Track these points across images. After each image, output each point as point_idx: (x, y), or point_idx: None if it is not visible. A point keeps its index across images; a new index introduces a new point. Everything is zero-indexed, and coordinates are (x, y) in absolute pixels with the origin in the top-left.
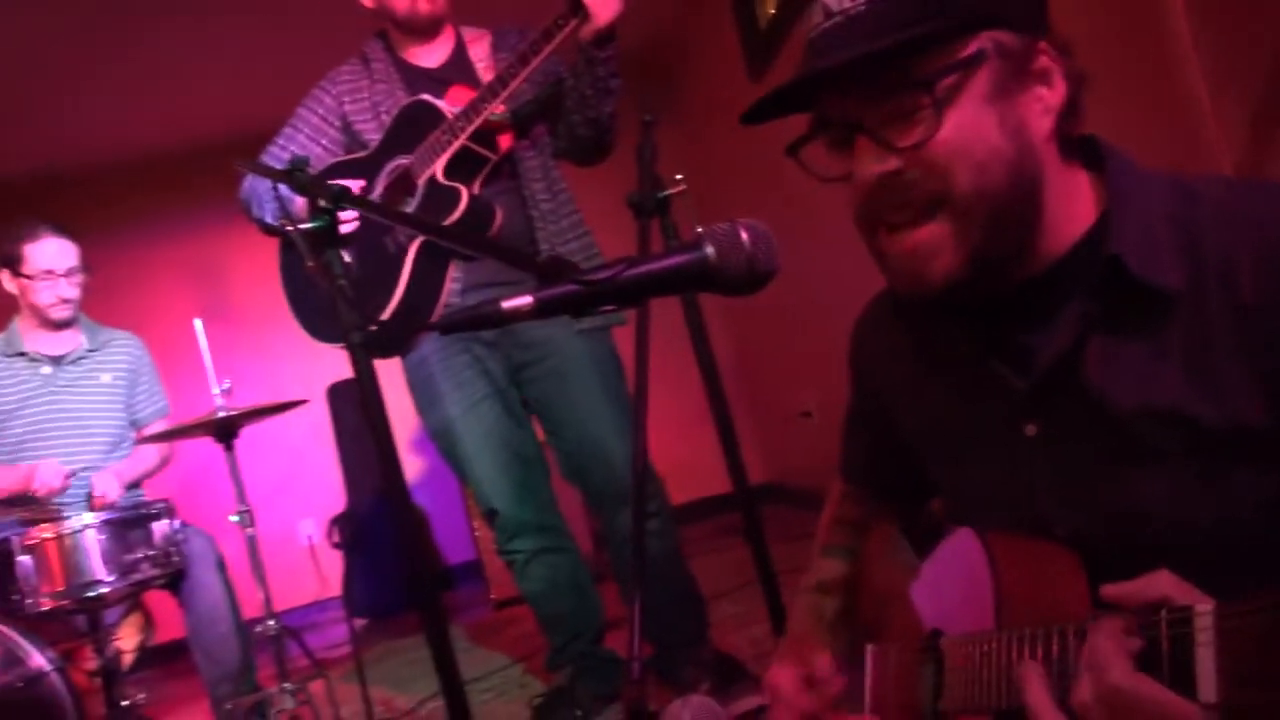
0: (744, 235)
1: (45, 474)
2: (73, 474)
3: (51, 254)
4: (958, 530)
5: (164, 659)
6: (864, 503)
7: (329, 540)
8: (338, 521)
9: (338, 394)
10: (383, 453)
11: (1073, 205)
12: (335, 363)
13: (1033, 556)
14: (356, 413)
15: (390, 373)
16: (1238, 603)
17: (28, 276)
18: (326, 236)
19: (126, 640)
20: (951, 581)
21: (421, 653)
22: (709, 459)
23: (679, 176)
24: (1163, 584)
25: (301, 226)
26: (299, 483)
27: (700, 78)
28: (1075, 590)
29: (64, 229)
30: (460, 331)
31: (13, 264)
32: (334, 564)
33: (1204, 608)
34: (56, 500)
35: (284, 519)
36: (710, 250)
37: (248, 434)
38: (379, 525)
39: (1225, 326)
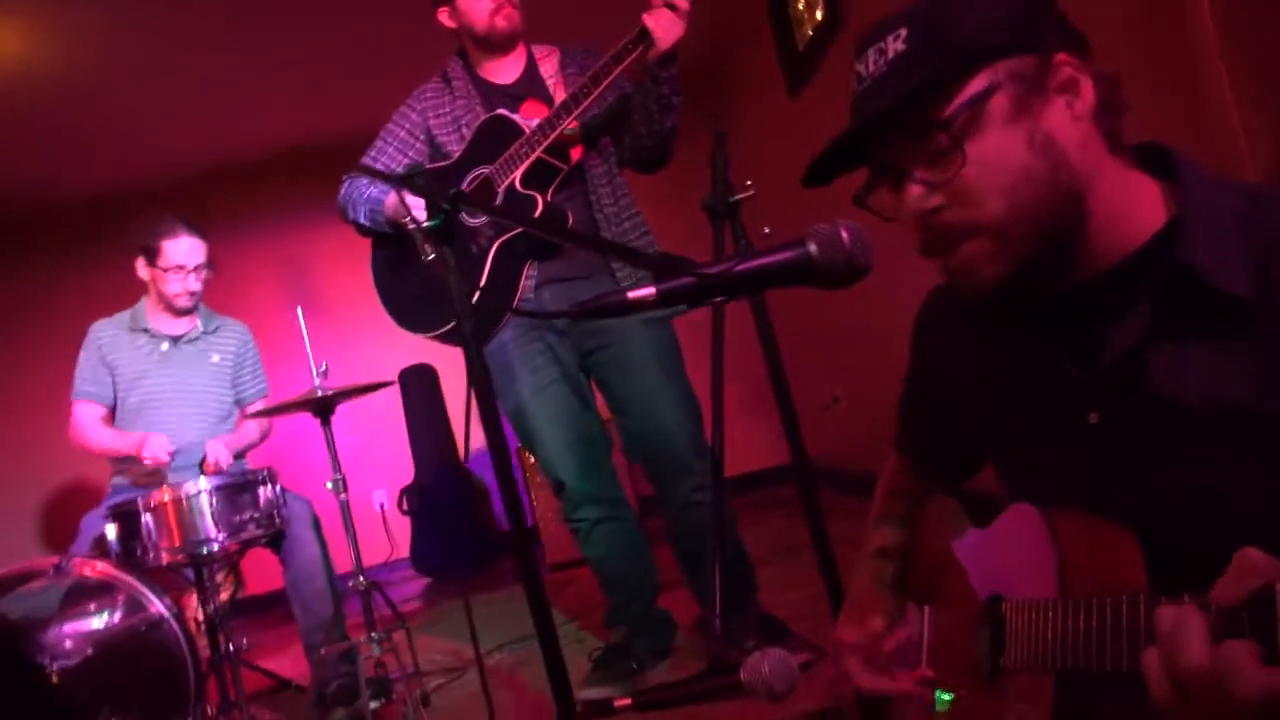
0: (844, 234)
1: (153, 445)
2: (176, 451)
3: (184, 251)
4: (1018, 505)
5: (252, 610)
6: (917, 476)
7: (399, 508)
8: (406, 491)
9: (407, 378)
10: (487, 426)
11: (1133, 208)
12: (406, 350)
13: (1092, 532)
14: (424, 394)
15: (457, 365)
16: None
17: (161, 269)
18: (444, 233)
19: (222, 593)
20: (1012, 551)
21: (484, 609)
22: (753, 438)
23: (749, 182)
24: (1257, 564)
25: (423, 225)
26: (372, 457)
27: (743, 95)
28: (1133, 567)
29: (198, 228)
30: (591, 318)
31: (150, 255)
32: (402, 529)
33: None
34: (173, 464)
35: (360, 488)
36: (813, 248)
37: (311, 423)
38: (442, 495)
39: None
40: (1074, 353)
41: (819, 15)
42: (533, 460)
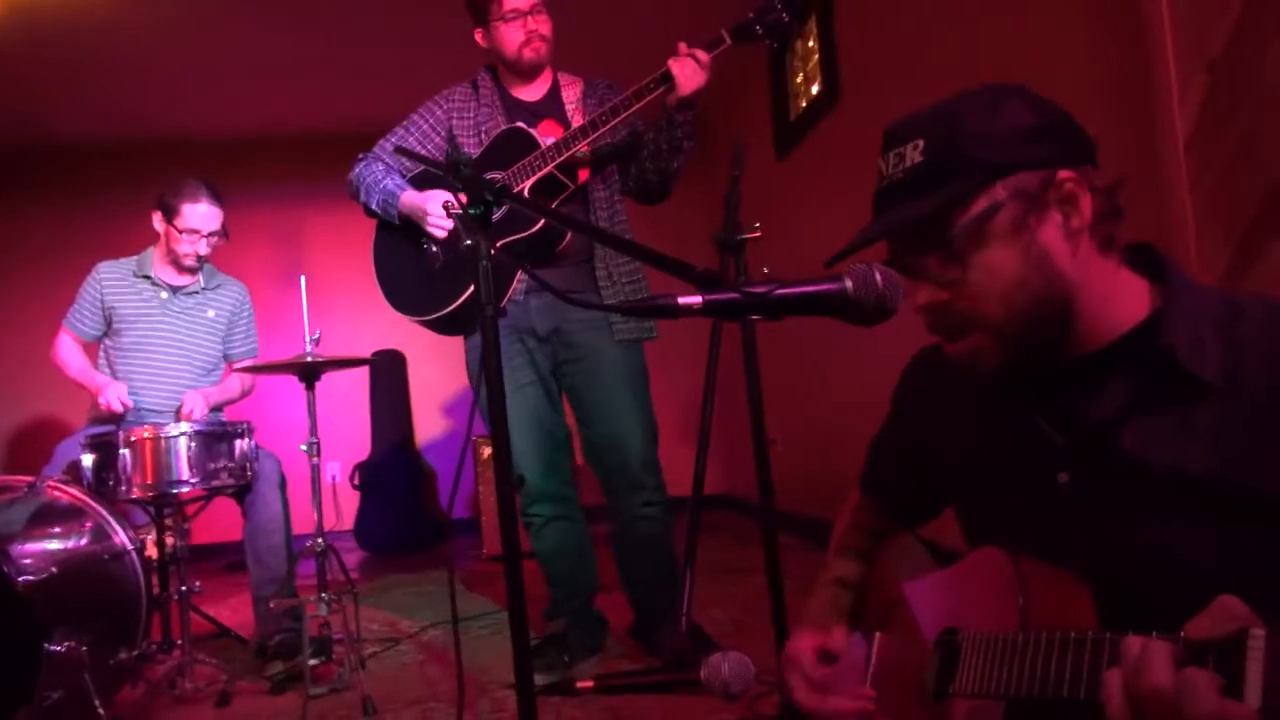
0: (878, 276)
1: (110, 393)
2: (133, 407)
3: (201, 216)
4: (986, 548)
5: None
6: (877, 514)
7: (350, 482)
8: (360, 467)
9: (378, 360)
10: (493, 408)
11: (1119, 302)
12: (374, 336)
13: (1053, 580)
14: (390, 378)
15: (427, 351)
16: None
17: (176, 228)
18: (483, 221)
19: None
20: (974, 589)
21: (416, 588)
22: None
23: (757, 225)
24: (1235, 611)
25: (468, 212)
26: (329, 431)
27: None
28: (1084, 615)
29: (219, 196)
30: (641, 317)
31: (168, 212)
32: (349, 503)
33: (1259, 630)
34: (150, 407)
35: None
36: (849, 284)
37: (289, 386)
38: (393, 474)
39: (1261, 418)
40: (1053, 420)
41: (815, 90)
42: (486, 453)
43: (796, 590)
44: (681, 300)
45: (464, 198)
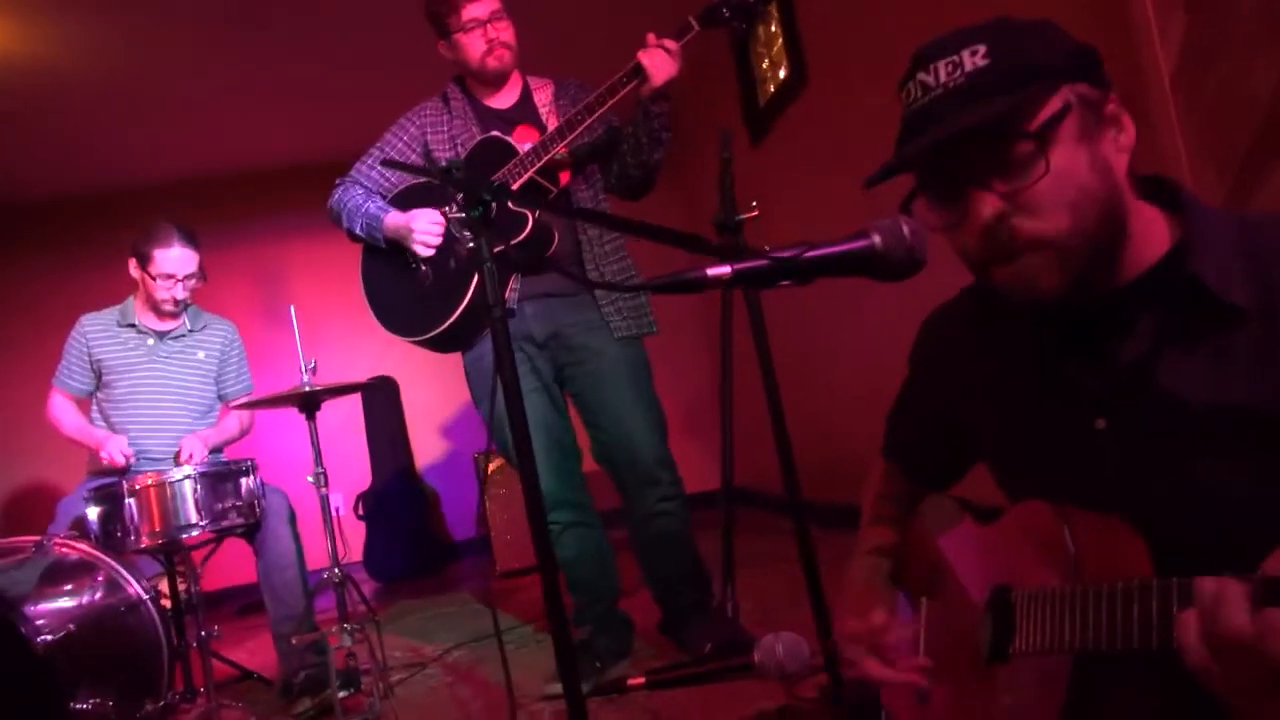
0: (905, 229)
1: (112, 447)
2: (134, 458)
3: (175, 261)
4: (1031, 502)
5: (212, 604)
6: (904, 480)
7: (354, 513)
8: (362, 497)
9: (371, 387)
10: (512, 415)
11: (1148, 233)
12: (369, 360)
13: (1104, 531)
14: (384, 403)
15: (420, 374)
16: None
17: (151, 275)
18: (482, 222)
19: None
20: (1022, 544)
21: (434, 611)
22: (690, 461)
23: (754, 203)
24: None
25: (469, 215)
26: (329, 462)
27: (705, 140)
28: (1139, 560)
29: (192, 238)
30: (671, 292)
31: (142, 260)
32: (355, 534)
33: None
34: (150, 455)
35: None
36: (877, 239)
37: (288, 419)
38: (397, 501)
39: None
40: (1085, 362)
41: (782, 75)
42: (491, 469)
43: (827, 576)
44: (710, 271)
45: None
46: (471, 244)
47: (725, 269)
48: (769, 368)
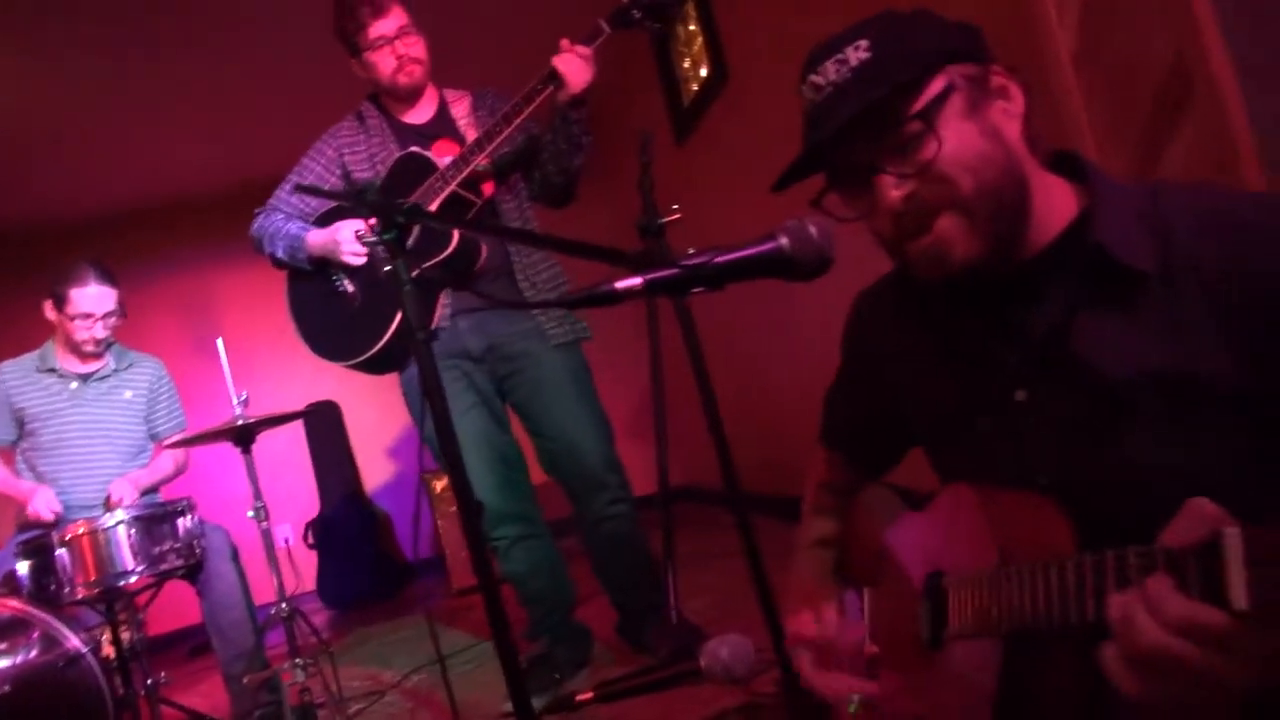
0: (812, 229)
1: (39, 502)
2: (62, 512)
3: (92, 299)
4: (954, 486)
5: (153, 651)
6: (844, 468)
7: (304, 542)
8: (311, 525)
9: (312, 413)
10: (443, 438)
11: (1053, 203)
12: (305, 387)
13: (1023, 506)
14: (327, 428)
15: (361, 396)
16: (1260, 526)
17: (69, 316)
18: (399, 245)
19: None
20: (950, 530)
21: (391, 635)
22: (647, 460)
23: (675, 206)
24: (1207, 512)
25: (381, 239)
26: (274, 493)
27: (631, 142)
28: (1063, 539)
29: (109, 275)
30: (583, 306)
31: (58, 301)
32: (307, 563)
33: (1233, 529)
34: (81, 503)
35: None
36: (785, 241)
37: (226, 454)
38: (347, 526)
39: (1196, 298)
40: (1001, 335)
41: (703, 73)
42: (439, 488)
43: (773, 568)
44: (620, 285)
45: (374, 224)
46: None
47: (636, 280)
48: (701, 367)
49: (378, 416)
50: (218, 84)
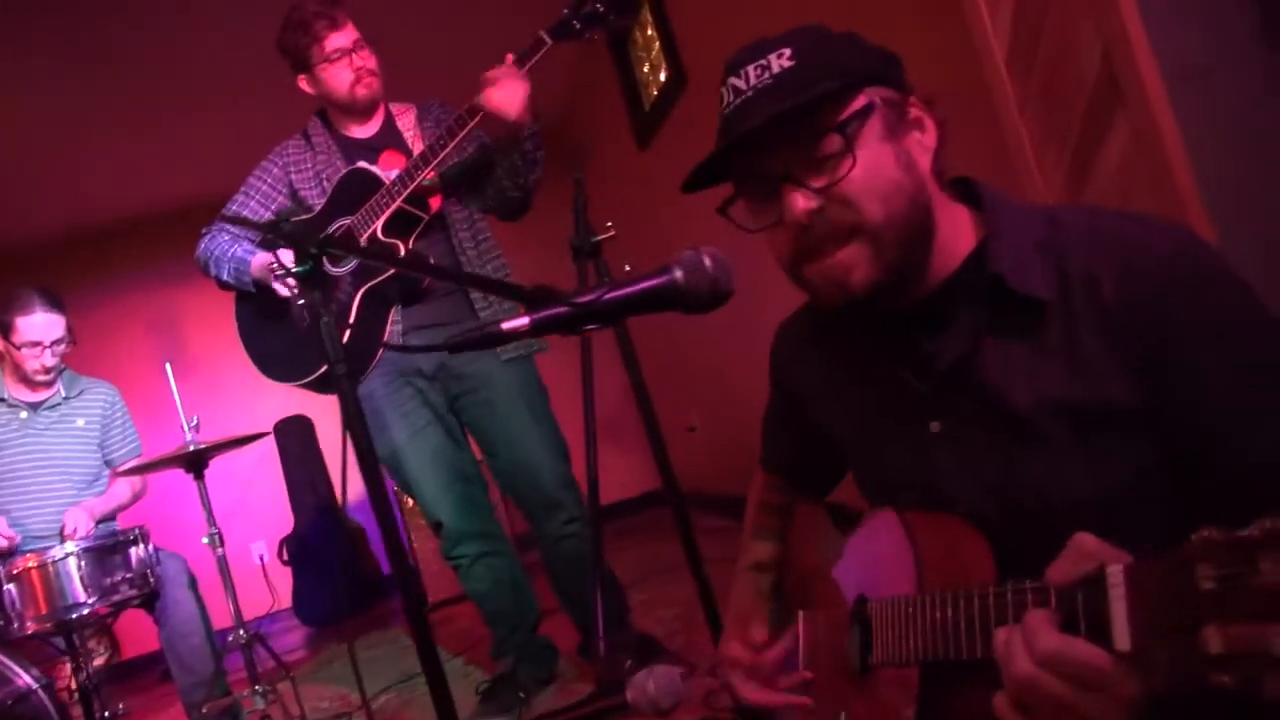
0: (707, 261)
1: None
2: (18, 540)
3: (39, 327)
4: (878, 510)
5: (128, 674)
6: (784, 490)
7: (279, 558)
8: (286, 542)
9: (282, 429)
10: (364, 464)
11: (955, 232)
12: (279, 402)
13: (944, 531)
14: (299, 444)
15: (332, 414)
16: (1145, 560)
17: (15, 344)
18: (313, 278)
19: (96, 659)
20: (875, 554)
21: (365, 653)
22: (615, 468)
23: (609, 224)
24: (1089, 548)
25: (293, 270)
26: (249, 509)
27: (597, 147)
28: (982, 561)
29: (56, 302)
30: (470, 350)
31: (3, 329)
32: (283, 579)
33: (1115, 566)
34: (36, 533)
35: (237, 542)
36: (679, 274)
37: (184, 480)
38: (322, 543)
39: (1093, 324)
40: (913, 365)
41: (663, 76)
42: (411, 503)
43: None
44: (506, 325)
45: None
46: (337, 292)
47: (523, 321)
48: (639, 379)
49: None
50: (167, 102)
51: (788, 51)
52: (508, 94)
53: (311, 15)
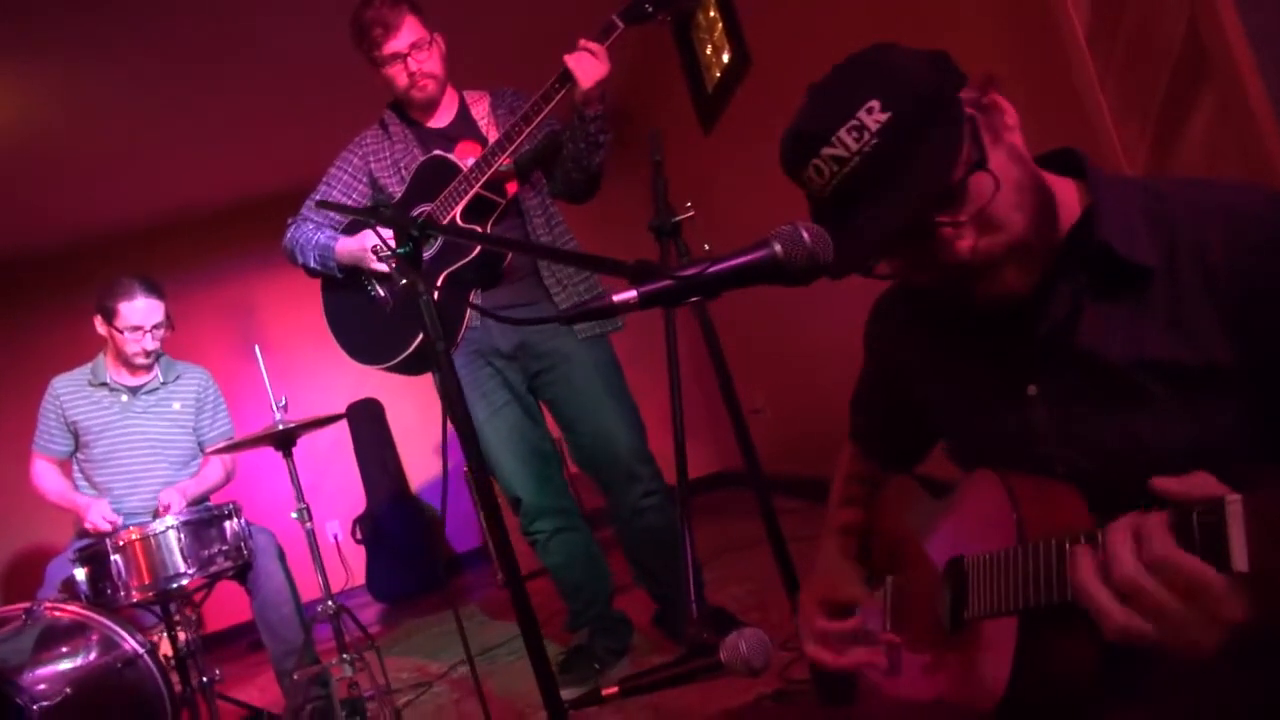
0: (805, 234)
1: (94, 514)
2: (120, 522)
3: (140, 312)
4: (979, 471)
5: (212, 647)
6: (872, 461)
7: (353, 537)
8: (359, 521)
9: (354, 411)
10: (464, 439)
11: (1062, 204)
12: (348, 387)
13: (1042, 489)
14: (371, 427)
15: (402, 394)
16: (1266, 492)
17: (118, 329)
18: (414, 259)
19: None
20: (973, 513)
21: (440, 628)
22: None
23: (689, 204)
24: (1208, 482)
25: (396, 251)
26: (322, 490)
27: (664, 134)
28: (1080, 516)
29: (156, 288)
30: (580, 322)
31: (107, 314)
32: (356, 558)
33: (1234, 496)
34: (134, 511)
35: (314, 521)
36: (778, 248)
37: (271, 458)
38: (394, 522)
39: (1199, 289)
40: (1012, 332)
41: (725, 58)
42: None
43: (805, 553)
44: (617, 298)
45: (391, 238)
46: (405, 280)
47: (631, 294)
48: (720, 360)
49: (420, 413)
50: (245, 95)
51: (876, 103)
52: (590, 66)
53: (369, 22)
